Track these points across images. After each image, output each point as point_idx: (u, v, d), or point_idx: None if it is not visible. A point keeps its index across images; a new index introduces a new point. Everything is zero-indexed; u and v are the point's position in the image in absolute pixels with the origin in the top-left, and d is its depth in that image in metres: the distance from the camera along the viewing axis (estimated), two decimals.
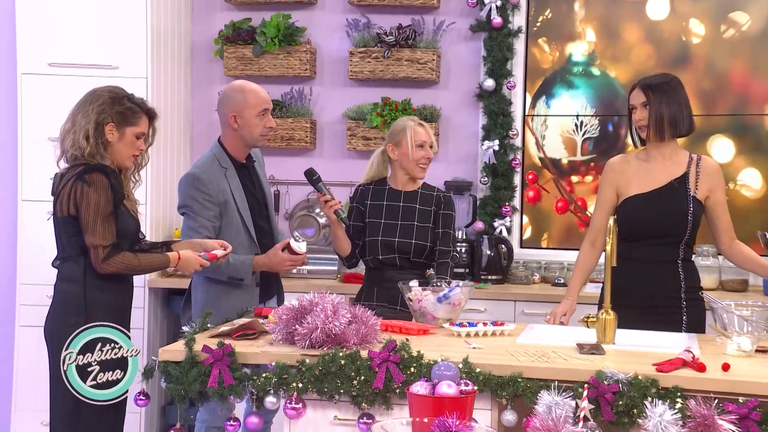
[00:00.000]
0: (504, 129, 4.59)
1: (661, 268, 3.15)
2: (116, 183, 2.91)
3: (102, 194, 2.85)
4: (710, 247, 4.32)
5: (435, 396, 1.92)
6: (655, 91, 3.15)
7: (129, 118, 2.97)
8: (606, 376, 2.31)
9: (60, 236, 2.96)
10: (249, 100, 3.33)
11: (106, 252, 2.86)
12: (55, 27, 4.25)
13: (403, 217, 3.45)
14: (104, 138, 2.93)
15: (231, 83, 3.48)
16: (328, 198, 3.36)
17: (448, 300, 3.02)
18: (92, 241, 2.86)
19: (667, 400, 2.22)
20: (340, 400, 2.51)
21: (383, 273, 3.42)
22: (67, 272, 2.95)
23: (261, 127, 3.34)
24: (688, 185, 3.16)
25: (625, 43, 4.62)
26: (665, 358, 2.47)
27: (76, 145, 2.92)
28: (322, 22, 4.82)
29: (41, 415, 4.22)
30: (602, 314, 2.78)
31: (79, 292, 2.91)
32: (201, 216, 3.25)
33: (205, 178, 3.27)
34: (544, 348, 2.63)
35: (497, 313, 4.11)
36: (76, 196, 2.86)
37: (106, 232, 2.86)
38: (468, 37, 4.70)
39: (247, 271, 3.26)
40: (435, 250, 3.45)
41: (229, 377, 2.53)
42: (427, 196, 3.50)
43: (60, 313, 2.93)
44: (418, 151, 3.46)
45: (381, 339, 2.63)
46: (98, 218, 2.85)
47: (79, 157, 2.92)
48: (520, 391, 2.38)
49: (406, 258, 3.43)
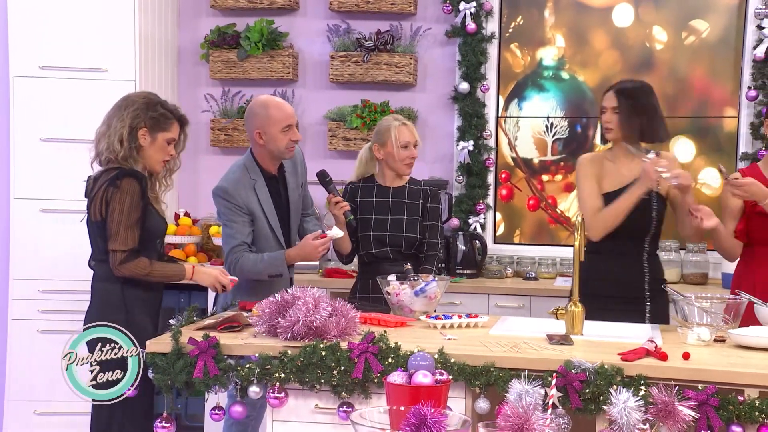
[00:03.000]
0: (478, 130, 4.60)
1: (628, 262, 3.18)
2: (146, 188, 2.89)
3: (130, 200, 2.84)
4: (672, 242, 4.36)
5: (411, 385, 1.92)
6: (627, 97, 3.18)
7: (161, 123, 2.95)
8: (574, 366, 2.33)
9: (95, 238, 2.94)
10: (272, 116, 3.25)
11: (124, 257, 2.84)
12: (46, 31, 4.21)
13: (393, 212, 3.45)
14: (137, 142, 2.92)
15: (256, 98, 3.39)
16: (339, 199, 3.35)
17: (425, 293, 3.02)
18: (112, 246, 2.85)
19: (631, 387, 2.23)
20: (320, 390, 2.50)
21: (377, 266, 3.42)
22: (104, 272, 2.93)
23: (286, 141, 3.27)
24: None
25: (593, 49, 4.64)
26: (630, 348, 2.49)
27: (111, 148, 2.90)
28: (304, 27, 4.81)
29: (33, 405, 4.20)
30: (571, 306, 2.80)
31: (117, 291, 2.90)
32: (235, 223, 3.22)
33: (232, 191, 3.23)
34: (515, 339, 2.64)
35: (472, 306, 4.12)
36: (107, 200, 2.85)
37: (127, 238, 2.84)
38: (444, 42, 4.70)
39: (281, 265, 3.23)
40: (423, 242, 3.46)
41: (214, 368, 2.51)
42: (414, 191, 3.50)
43: (100, 312, 2.90)
44: (403, 151, 3.46)
45: (360, 331, 2.63)
46: (122, 224, 2.83)
47: (112, 160, 2.90)
48: (492, 380, 2.39)
49: (398, 251, 3.44)
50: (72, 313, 4.15)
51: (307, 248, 3.23)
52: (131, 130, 2.91)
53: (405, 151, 3.45)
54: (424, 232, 3.47)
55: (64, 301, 4.11)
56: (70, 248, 4.16)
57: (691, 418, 1.98)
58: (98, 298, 2.96)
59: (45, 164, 4.22)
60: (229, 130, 4.76)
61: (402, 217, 3.45)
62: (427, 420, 1.50)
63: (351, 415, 1.59)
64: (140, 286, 2.91)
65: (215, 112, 4.82)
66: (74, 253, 4.15)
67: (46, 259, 4.21)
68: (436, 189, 3.55)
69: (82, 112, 4.18)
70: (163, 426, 2.59)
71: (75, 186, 4.17)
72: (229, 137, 4.76)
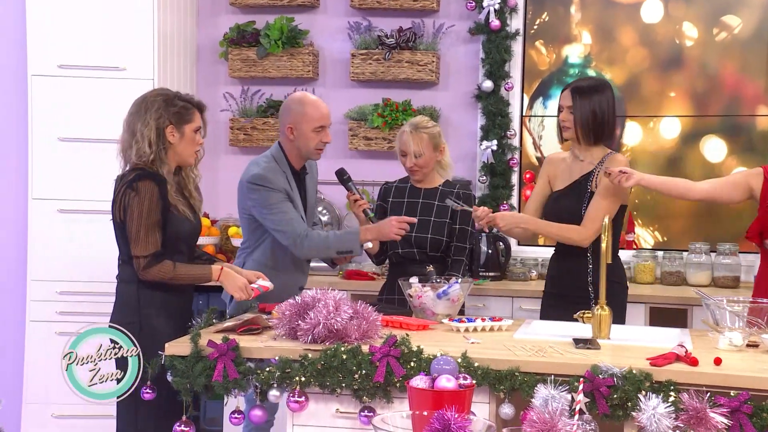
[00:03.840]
0: (502, 129, 4.59)
1: (572, 260, 3.27)
2: (164, 190, 2.91)
3: (148, 203, 2.86)
4: (703, 245, 4.32)
5: (434, 390, 1.92)
6: (582, 96, 3.23)
7: (184, 116, 2.98)
8: (601, 370, 2.32)
9: (117, 239, 2.98)
10: (307, 114, 3.28)
11: (146, 261, 2.86)
12: (65, 30, 4.25)
13: (421, 213, 3.45)
14: (166, 142, 2.94)
15: (293, 94, 3.43)
16: (358, 197, 3.36)
17: (447, 296, 3.02)
18: (134, 251, 2.88)
19: (660, 393, 2.22)
20: (341, 394, 2.51)
21: (405, 267, 3.42)
22: (124, 274, 2.97)
23: (316, 141, 3.30)
24: (590, 182, 3.25)
25: (620, 46, 4.61)
26: (659, 352, 2.47)
27: (140, 153, 2.92)
28: (324, 24, 4.82)
29: (51, 408, 4.24)
30: (597, 310, 2.78)
31: (133, 293, 2.93)
32: (285, 204, 3.21)
33: (271, 177, 3.24)
34: (540, 343, 2.63)
35: (495, 309, 4.11)
36: (125, 204, 2.88)
37: (148, 242, 2.86)
38: (467, 40, 4.69)
39: (354, 241, 3.24)
40: (451, 245, 3.46)
41: (234, 371, 2.53)
42: (446, 193, 3.50)
43: (118, 314, 2.95)
44: (402, 159, 3.48)
45: (382, 334, 2.64)
46: (141, 228, 2.86)
47: (140, 165, 2.92)
48: (517, 385, 2.38)
49: (424, 252, 3.44)
50: (90, 315, 4.16)
51: (386, 224, 3.23)
52: (158, 131, 2.93)
53: (404, 159, 3.47)
54: (452, 235, 3.47)
55: (82, 303, 4.14)
56: (88, 249, 4.20)
57: (723, 425, 1.96)
58: (117, 299, 3.00)
59: (63, 164, 4.26)
60: (249, 130, 4.78)
61: (429, 219, 3.45)
62: (450, 425, 1.50)
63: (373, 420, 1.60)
64: (158, 287, 2.93)
65: (234, 111, 4.84)
66: (92, 255, 4.20)
67: (64, 260, 4.24)
68: (469, 192, 3.55)
69: (100, 111, 4.21)
70: (182, 429, 2.61)
71: (93, 186, 4.23)
72: (249, 137, 4.78)
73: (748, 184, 3.13)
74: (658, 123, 4.58)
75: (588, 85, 3.29)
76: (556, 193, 3.33)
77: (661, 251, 4.46)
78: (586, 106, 3.21)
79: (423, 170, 3.48)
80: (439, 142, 3.49)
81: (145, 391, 2.66)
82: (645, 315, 4.01)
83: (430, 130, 3.48)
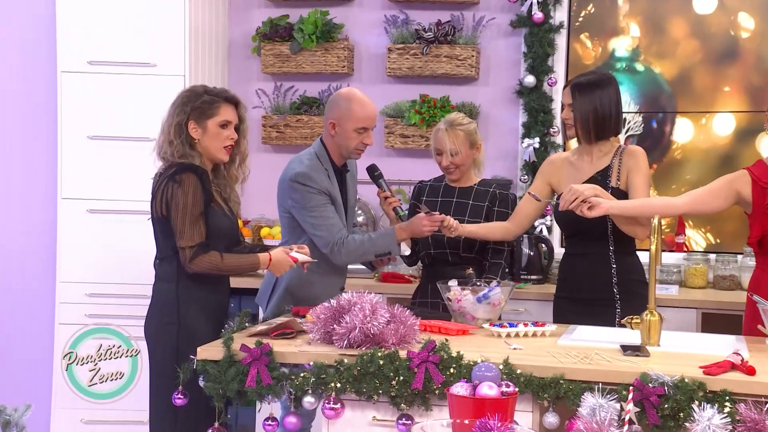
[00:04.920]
0: (545, 126, 4.55)
1: (593, 261, 3.22)
2: (207, 183, 2.95)
3: (191, 194, 2.89)
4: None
5: (476, 397, 1.91)
6: (582, 92, 3.20)
7: (206, 110, 3.00)
8: (651, 379, 2.28)
9: (157, 236, 3.02)
10: (353, 111, 3.29)
11: (193, 252, 2.89)
12: (95, 25, 4.30)
13: (455, 213, 3.43)
14: (189, 137, 2.98)
15: (342, 89, 3.44)
16: (388, 195, 3.37)
17: (488, 300, 3.01)
18: (180, 243, 2.90)
19: (715, 403, 2.18)
20: (378, 401, 2.51)
21: (438, 270, 3.42)
22: (162, 272, 3.00)
23: (357, 142, 3.31)
24: (609, 177, 3.21)
25: (671, 38, 4.55)
26: (712, 360, 2.43)
27: (163, 149, 2.99)
28: (360, 18, 4.83)
29: (80, 413, 4.29)
30: (647, 315, 2.75)
31: (172, 292, 2.96)
32: (326, 207, 3.25)
33: (315, 176, 3.26)
34: (586, 349, 2.61)
35: (538, 314, 4.08)
36: (167, 197, 2.91)
37: (194, 232, 2.89)
38: (508, 33, 4.67)
39: (391, 242, 3.27)
40: (488, 247, 3.44)
41: (267, 377, 2.54)
42: (481, 192, 3.49)
43: (156, 313, 2.99)
44: (437, 158, 3.46)
45: (420, 339, 2.63)
46: (186, 219, 2.89)
47: (169, 160, 2.98)
48: (562, 393, 2.36)
49: (457, 253, 3.43)
50: (119, 318, 4.24)
51: (416, 222, 3.25)
52: (179, 127, 2.98)
53: (439, 158, 3.46)
54: None
55: (111, 305, 4.19)
56: (118, 250, 4.25)
57: None
58: (155, 298, 3.03)
59: (93, 163, 4.31)
60: (282, 127, 4.80)
61: (463, 218, 3.43)
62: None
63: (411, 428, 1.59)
64: (197, 286, 2.95)
65: (267, 108, 4.87)
66: (122, 256, 4.25)
67: (94, 261, 4.29)
68: (506, 193, 3.53)
69: (131, 108, 4.26)
70: None
71: (124, 186, 4.27)
72: (282, 134, 4.80)
73: (733, 190, 3.06)
74: (710, 119, 4.51)
75: (588, 80, 3.24)
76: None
77: (713, 254, 4.39)
78: (586, 103, 3.19)
79: (459, 169, 3.46)
80: (476, 140, 3.48)
81: (177, 396, 2.68)
82: (697, 321, 3.95)
83: (466, 126, 3.46)
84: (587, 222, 3.14)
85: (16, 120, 4.54)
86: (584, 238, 3.23)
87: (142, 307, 3.13)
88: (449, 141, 3.42)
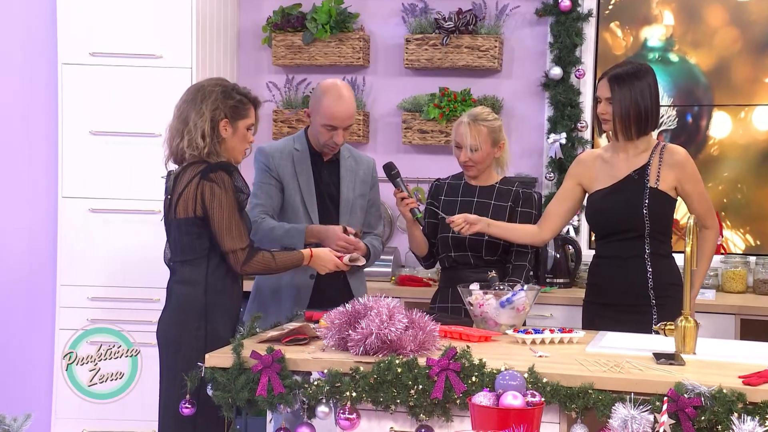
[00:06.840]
0: (572, 121, 4.55)
1: (628, 264, 3.21)
2: (239, 182, 2.97)
3: (231, 194, 2.93)
4: None
5: (499, 407, 1.91)
6: (621, 85, 3.18)
7: (240, 111, 3.03)
8: (686, 389, 2.27)
9: (180, 238, 3.00)
10: (322, 106, 3.33)
11: (246, 254, 2.93)
12: (97, 15, 4.33)
13: (476, 213, 3.42)
14: (219, 135, 3.00)
15: (327, 80, 3.46)
16: (405, 195, 3.37)
17: (512, 305, 3.00)
18: (230, 245, 2.93)
19: (756, 416, 2.17)
20: (396, 411, 2.51)
21: (458, 273, 3.42)
22: (188, 275, 3.00)
23: (326, 138, 3.35)
24: (647, 176, 3.19)
25: (708, 27, 4.53)
26: (753, 369, 2.42)
27: (193, 144, 2.96)
28: (376, 7, 4.84)
29: (82, 423, 4.32)
30: (681, 321, 2.74)
31: (200, 296, 2.97)
32: (265, 185, 3.34)
33: (267, 152, 3.38)
34: (616, 357, 2.60)
35: (564, 320, 4.07)
36: (205, 197, 2.91)
37: (242, 234, 2.94)
38: (533, 22, 4.66)
39: (298, 239, 3.27)
40: (511, 249, 3.43)
41: (279, 385, 2.54)
42: (504, 191, 3.48)
43: (179, 318, 2.98)
44: (456, 152, 3.46)
45: (440, 346, 2.63)
46: (233, 220, 2.92)
47: (195, 156, 2.97)
48: (591, 404, 2.35)
49: (479, 256, 3.43)
50: (123, 323, 4.26)
51: (331, 232, 3.26)
52: (213, 124, 2.98)
53: (458, 152, 3.46)
54: None
55: (114, 309, 4.21)
56: (122, 252, 4.27)
57: None
58: (176, 302, 3.00)
59: (95, 160, 4.34)
60: (293, 122, 4.82)
61: None
62: None
63: None
64: (223, 290, 2.98)
65: (278, 102, 4.89)
66: (126, 258, 4.27)
67: (96, 263, 4.31)
68: (530, 191, 3.51)
69: (135, 102, 4.29)
70: None
71: (128, 184, 4.30)
72: (293, 129, 4.81)
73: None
74: (750, 112, 4.49)
75: (626, 71, 3.21)
76: (600, 192, 3.25)
77: (753, 256, 4.37)
78: (626, 95, 3.16)
79: (477, 166, 3.46)
80: (499, 138, 3.47)
81: (185, 405, 2.69)
82: (735, 327, 3.94)
83: (491, 123, 3.45)
84: (623, 224, 3.15)
85: (15, 115, 4.56)
86: (619, 240, 3.22)
87: (147, 312, 3.15)
88: (470, 136, 3.41)
